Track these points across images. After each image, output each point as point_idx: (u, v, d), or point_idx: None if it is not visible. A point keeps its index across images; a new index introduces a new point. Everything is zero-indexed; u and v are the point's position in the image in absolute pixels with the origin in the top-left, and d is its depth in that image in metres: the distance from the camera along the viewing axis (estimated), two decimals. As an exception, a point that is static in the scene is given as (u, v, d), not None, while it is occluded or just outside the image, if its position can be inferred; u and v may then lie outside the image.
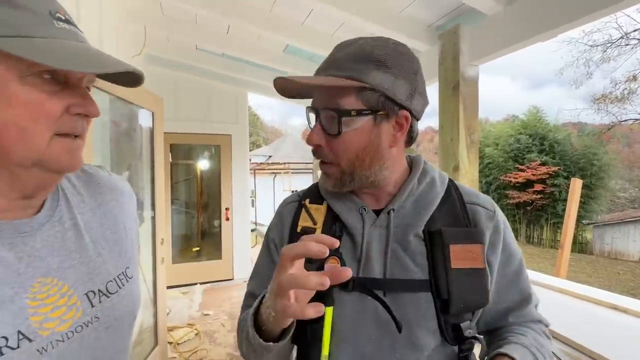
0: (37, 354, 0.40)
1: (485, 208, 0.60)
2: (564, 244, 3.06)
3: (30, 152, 0.39)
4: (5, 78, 0.37)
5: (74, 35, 0.42)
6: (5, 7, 0.37)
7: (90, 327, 0.47)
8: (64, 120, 0.41)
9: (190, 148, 4.46)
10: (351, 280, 0.53)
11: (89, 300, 0.47)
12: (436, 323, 0.53)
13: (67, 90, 0.41)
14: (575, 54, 15.53)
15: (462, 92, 1.84)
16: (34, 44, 0.36)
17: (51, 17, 0.40)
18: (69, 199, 0.51)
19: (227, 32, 2.79)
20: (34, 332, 0.41)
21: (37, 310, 0.42)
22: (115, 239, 0.55)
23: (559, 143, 13.45)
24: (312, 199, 0.64)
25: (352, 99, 0.52)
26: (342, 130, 0.53)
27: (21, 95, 0.38)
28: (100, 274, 0.50)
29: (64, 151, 0.42)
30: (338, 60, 0.54)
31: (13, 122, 0.38)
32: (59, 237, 0.47)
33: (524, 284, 0.62)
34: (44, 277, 0.44)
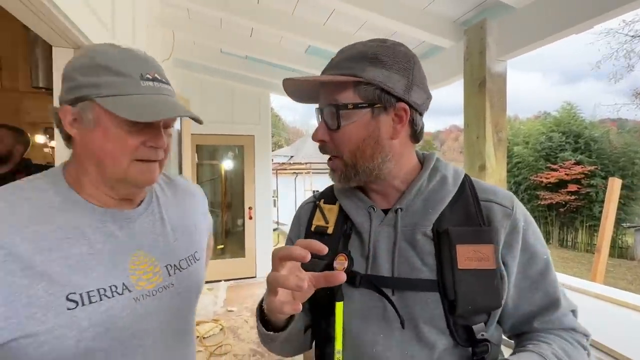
0: (133, 301, 0.58)
1: (502, 205, 0.57)
2: (601, 247, 2.88)
3: (116, 172, 0.57)
4: (104, 120, 0.55)
5: (156, 90, 0.57)
6: (110, 74, 0.55)
7: (167, 290, 0.64)
8: (140, 150, 0.57)
9: (215, 149, 4.60)
10: (358, 277, 0.56)
11: (167, 271, 0.65)
12: (444, 323, 0.53)
13: (145, 130, 0.57)
14: (614, 46, 14.54)
15: (489, 88, 1.78)
16: (119, 102, 0.53)
17: (140, 79, 0.56)
18: (159, 198, 0.71)
19: (250, 35, 2.85)
20: (132, 286, 0.59)
21: (134, 272, 0.60)
22: (187, 229, 0.73)
23: (596, 141, 12.65)
24: (326, 200, 0.67)
25: (349, 94, 0.55)
26: (341, 123, 0.56)
27: (113, 133, 0.55)
28: (175, 253, 0.68)
29: (139, 172, 0.58)
30: (337, 62, 0.58)
31: (109, 152, 0.56)
32: (150, 224, 0.66)
33: (550, 287, 0.58)
34: (139, 250, 0.62)
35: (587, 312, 1.52)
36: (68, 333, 0.51)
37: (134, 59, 0.58)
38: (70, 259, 0.54)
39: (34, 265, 0.51)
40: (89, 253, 0.56)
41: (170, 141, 0.65)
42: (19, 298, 0.49)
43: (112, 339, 0.55)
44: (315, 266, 0.58)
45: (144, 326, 0.59)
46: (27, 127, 3.39)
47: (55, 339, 0.50)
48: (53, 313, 0.50)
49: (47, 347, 0.50)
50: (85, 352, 0.53)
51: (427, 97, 0.59)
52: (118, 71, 0.55)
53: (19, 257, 0.50)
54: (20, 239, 0.51)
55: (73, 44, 1.24)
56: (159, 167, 0.62)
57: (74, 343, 0.51)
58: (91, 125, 0.56)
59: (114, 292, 0.56)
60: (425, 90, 0.59)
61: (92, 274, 0.55)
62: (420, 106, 0.58)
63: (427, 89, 0.59)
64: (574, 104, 13.66)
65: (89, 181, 0.59)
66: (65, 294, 0.52)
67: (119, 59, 0.57)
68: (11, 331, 0.48)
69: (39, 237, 0.52)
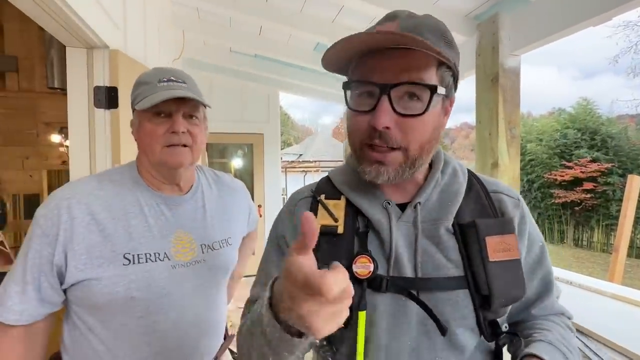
0: (171, 267, 0.74)
1: (510, 196, 0.57)
2: (619, 246, 2.80)
3: (153, 157, 0.73)
4: (141, 120, 0.73)
5: (168, 87, 0.72)
6: (141, 86, 0.74)
7: (199, 264, 0.78)
8: (166, 137, 0.72)
9: (224, 147, 4.64)
10: (385, 280, 0.49)
11: (201, 249, 0.80)
12: (474, 321, 0.50)
13: (168, 120, 0.73)
14: (633, 39, 14.05)
15: (502, 84, 1.74)
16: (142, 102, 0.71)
17: (157, 82, 0.73)
18: (203, 190, 0.86)
19: (259, 34, 2.86)
20: (171, 255, 0.75)
21: (175, 245, 0.76)
22: (224, 218, 0.87)
23: (613, 137, 12.27)
24: (327, 194, 0.57)
25: (432, 74, 0.47)
26: (429, 109, 0.47)
27: (147, 127, 0.72)
28: (210, 236, 0.82)
29: (169, 156, 0.73)
30: (415, 25, 0.47)
31: (146, 143, 0.73)
32: (193, 210, 0.82)
33: (545, 272, 0.58)
34: (181, 229, 0.78)
35: (605, 312, 1.48)
36: (120, 281, 0.67)
37: (157, 71, 0.76)
38: (131, 228, 0.71)
39: (107, 228, 0.69)
40: (144, 225, 0.73)
41: (198, 131, 0.76)
42: (94, 250, 0.67)
43: (151, 293, 0.70)
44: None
45: (177, 289, 0.73)
46: (43, 127, 3.48)
47: (113, 284, 0.67)
48: (113, 265, 0.68)
49: (106, 289, 0.67)
50: (131, 299, 0.68)
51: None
52: (145, 82, 0.74)
53: (99, 222, 0.69)
54: (101, 208, 0.70)
55: (86, 43, 1.26)
56: (191, 152, 0.75)
57: (123, 290, 0.68)
58: (138, 126, 0.75)
59: (157, 257, 0.72)
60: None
61: (144, 241, 0.72)
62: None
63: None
64: (590, 100, 13.27)
65: (145, 169, 0.77)
66: (123, 252, 0.69)
67: (147, 74, 0.76)
68: (87, 273, 0.66)
69: (113, 208, 0.71)
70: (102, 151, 1.32)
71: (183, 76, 0.76)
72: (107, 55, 1.31)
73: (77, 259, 0.66)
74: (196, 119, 0.77)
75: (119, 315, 0.69)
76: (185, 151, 0.74)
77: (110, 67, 1.31)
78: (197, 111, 0.77)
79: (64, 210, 0.67)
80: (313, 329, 0.32)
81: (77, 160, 1.31)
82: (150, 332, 0.71)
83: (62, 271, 0.67)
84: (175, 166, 0.74)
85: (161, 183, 0.78)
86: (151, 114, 0.72)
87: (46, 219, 0.67)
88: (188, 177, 0.82)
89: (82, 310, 0.70)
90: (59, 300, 0.70)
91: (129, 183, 0.76)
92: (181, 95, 0.70)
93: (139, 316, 0.70)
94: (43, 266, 0.66)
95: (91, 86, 1.30)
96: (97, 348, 0.70)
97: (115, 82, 1.31)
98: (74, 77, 1.29)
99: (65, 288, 0.69)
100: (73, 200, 0.68)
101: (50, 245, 0.66)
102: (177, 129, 0.71)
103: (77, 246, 0.66)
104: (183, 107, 0.73)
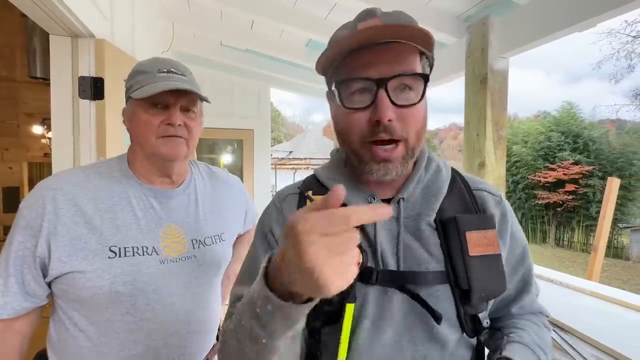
0: (159, 262, 0.72)
1: (492, 194, 0.58)
2: (598, 246, 2.90)
3: (148, 148, 0.72)
4: (137, 109, 0.72)
5: (167, 78, 0.71)
6: (139, 75, 0.72)
7: (189, 260, 0.76)
8: (162, 128, 0.71)
9: (214, 143, 4.58)
10: (375, 272, 0.50)
11: (192, 244, 0.78)
12: (455, 316, 0.51)
13: (164, 111, 0.71)
14: (615, 46, 14.52)
15: (490, 85, 1.77)
16: (139, 91, 0.69)
17: (157, 72, 0.71)
18: (197, 184, 0.84)
19: (251, 28, 2.83)
20: (160, 250, 0.73)
21: (164, 239, 0.73)
22: (218, 213, 0.85)
23: (595, 141, 12.68)
24: (314, 191, 0.57)
25: (417, 62, 0.49)
26: (417, 96, 0.48)
27: (142, 117, 0.71)
28: (202, 231, 0.80)
29: (164, 147, 0.71)
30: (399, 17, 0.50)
31: (141, 133, 0.71)
32: (185, 203, 0.80)
33: (526, 271, 0.60)
34: (172, 223, 0.76)
35: (584, 309, 1.53)
36: (105, 275, 0.66)
37: (155, 61, 0.74)
38: (118, 220, 0.70)
39: (93, 220, 0.67)
40: (132, 218, 0.71)
41: (195, 125, 0.75)
42: (78, 242, 0.66)
43: (137, 289, 0.68)
44: None
45: (165, 285, 0.72)
46: (25, 118, 3.37)
47: (97, 277, 0.65)
48: (98, 258, 0.66)
49: (91, 283, 0.65)
50: (116, 293, 0.66)
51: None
52: (143, 71, 0.72)
53: (84, 213, 0.67)
54: (87, 200, 0.68)
55: (70, 32, 1.22)
56: (186, 145, 0.74)
57: (108, 284, 0.66)
58: (132, 116, 0.73)
59: (144, 251, 0.70)
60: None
61: (131, 234, 0.70)
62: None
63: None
64: (574, 104, 13.67)
65: (137, 160, 0.75)
66: (109, 245, 0.67)
67: (145, 63, 0.74)
68: (71, 265, 0.65)
69: (100, 200, 0.69)
70: (86, 144, 1.29)
71: (182, 69, 0.74)
72: (92, 44, 1.27)
73: (61, 251, 0.64)
74: (193, 112, 0.75)
75: (104, 310, 0.67)
76: (180, 143, 0.72)
77: (96, 57, 1.27)
78: (194, 105, 0.75)
79: (48, 201, 0.65)
80: (321, 280, 0.30)
81: (60, 152, 1.28)
82: (137, 329, 0.69)
83: (45, 263, 0.65)
84: (171, 158, 0.72)
85: (152, 175, 0.76)
86: (148, 104, 0.70)
87: (30, 210, 0.65)
88: (181, 171, 0.80)
89: (67, 305, 0.69)
90: (43, 294, 0.68)
91: (117, 175, 0.74)
92: (181, 87, 0.69)
93: (124, 312, 0.68)
94: (26, 258, 0.65)
95: (75, 76, 1.26)
96: (82, 344, 0.68)
97: (102, 72, 1.28)
98: (57, 66, 1.25)
99: (49, 281, 0.67)
100: (58, 192, 0.67)
101: (33, 237, 0.64)
102: (173, 121, 0.70)
103: (62, 238, 0.65)
104: (181, 100, 0.72)
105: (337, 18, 2.35)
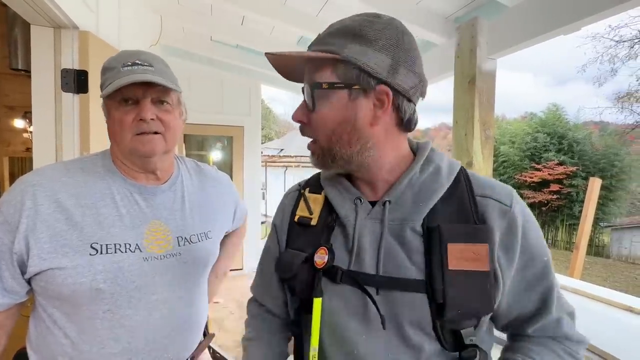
0: (142, 260, 0.70)
1: (499, 202, 0.51)
2: (579, 244, 2.99)
3: (124, 146, 0.70)
4: (110, 107, 0.70)
5: (132, 71, 0.67)
6: (107, 72, 0.70)
7: (174, 257, 0.75)
8: (135, 125, 0.68)
9: (203, 139, 4.52)
10: (339, 272, 0.52)
11: (177, 241, 0.76)
12: (431, 326, 0.49)
13: (135, 108, 0.69)
14: (599, 50, 14.91)
15: (479, 86, 1.80)
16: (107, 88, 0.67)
17: (121, 67, 0.68)
18: (184, 180, 0.82)
19: (241, 24, 2.80)
20: (143, 247, 0.71)
21: (148, 237, 0.72)
22: (205, 211, 0.83)
23: (579, 142, 13.04)
24: (312, 189, 0.62)
25: (327, 73, 0.50)
26: (316, 104, 0.51)
27: (115, 115, 0.69)
28: (188, 228, 0.78)
29: (140, 144, 0.69)
30: (321, 37, 0.53)
31: (116, 132, 0.69)
32: (171, 200, 0.78)
33: (546, 290, 0.53)
34: (157, 220, 0.74)
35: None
36: (86, 272, 0.64)
37: (122, 55, 0.71)
38: (100, 217, 0.68)
39: (74, 216, 0.66)
40: (115, 215, 0.69)
41: (171, 118, 0.73)
42: (59, 239, 0.64)
43: (118, 286, 0.67)
44: (295, 258, 0.56)
45: (148, 283, 0.70)
46: (6, 111, 3.25)
47: (77, 274, 0.64)
48: (79, 255, 0.64)
49: (71, 280, 0.64)
50: (96, 290, 0.65)
51: (419, 82, 0.52)
52: (109, 67, 0.69)
53: (65, 209, 0.66)
54: (68, 196, 0.67)
55: (53, 22, 1.19)
56: (164, 140, 0.72)
57: (88, 281, 0.64)
58: (107, 115, 0.72)
59: (127, 248, 0.69)
60: (417, 73, 0.52)
61: (114, 231, 0.68)
62: (408, 91, 0.50)
63: (419, 72, 0.52)
64: (560, 106, 14.01)
65: (117, 158, 0.74)
66: (90, 242, 0.66)
67: (112, 58, 0.71)
68: (51, 262, 0.63)
69: (82, 196, 0.68)
70: (69, 138, 1.25)
71: (150, 59, 0.70)
72: (76, 36, 1.23)
73: (41, 248, 0.63)
74: (167, 104, 0.72)
75: (84, 308, 0.66)
76: (156, 138, 0.70)
77: (80, 50, 1.24)
78: (166, 96, 0.71)
79: (28, 197, 0.64)
80: None
81: (42, 147, 1.24)
82: (118, 326, 0.68)
83: (23, 260, 0.64)
84: (147, 154, 0.70)
85: (136, 172, 0.74)
86: (118, 102, 0.68)
87: (9, 206, 0.64)
88: (165, 166, 0.78)
89: (46, 302, 0.68)
90: (21, 290, 0.67)
91: (101, 171, 0.72)
92: (143, 79, 0.65)
93: (105, 309, 0.67)
94: (3, 254, 0.63)
95: (58, 68, 1.22)
96: (62, 342, 0.67)
97: (85, 65, 1.25)
98: (39, 58, 1.21)
99: (28, 278, 0.66)
100: (38, 187, 0.65)
101: (10, 232, 0.63)
102: (144, 116, 0.67)
103: (41, 234, 0.63)
104: (151, 93, 0.68)
105: (329, 15, 2.34)
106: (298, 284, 0.55)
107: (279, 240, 0.64)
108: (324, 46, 0.50)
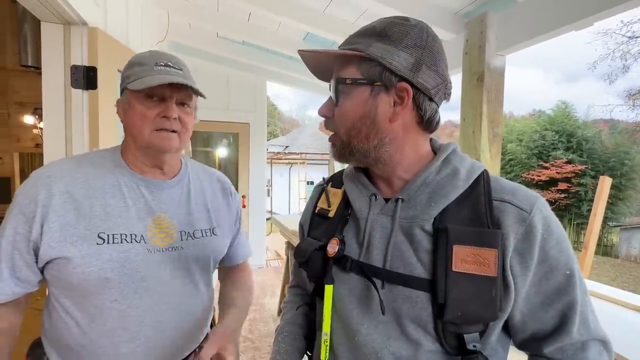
0: (147, 251, 0.73)
1: (518, 207, 0.49)
2: (588, 243, 2.94)
3: (141, 139, 0.72)
4: (132, 101, 0.72)
5: (165, 72, 0.71)
6: (136, 66, 0.72)
7: (176, 251, 0.77)
8: (157, 121, 0.72)
9: (209, 136, 4.54)
10: (350, 261, 0.56)
11: (181, 235, 0.78)
12: (432, 326, 0.50)
13: (160, 104, 0.72)
14: (611, 46, 14.62)
15: (487, 83, 1.77)
16: (135, 82, 0.70)
17: (154, 65, 0.71)
18: (190, 177, 0.86)
19: (248, 20, 2.79)
20: (148, 239, 0.73)
21: (152, 229, 0.74)
22: (210, 209, 0.86)
23: (588, 140, 12.83)
24: (334, 183, 0.67)
25: (353, 69, 0.53)
26: (340, 98, 0.55)
27: (137, 109, 0.71)
28: (192, 224, 0.81)
29: (158, 139, 0.72)
30: (350, 38, 0.56)
31: (136, 125, 0.72)
32: (177, 195, 0.81)
33: (566, 307, 0.49)
34: (162, 213, 0.77)
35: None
36: (94, 261, 0.67)
37: (153, 54, 0.75)
38: (108, 207, 0.71)
39: (83, 207, 0.69)
40: (122, 205, 0.72)
41: (189, 119, 0.77)
42: (68, 228, 0.67)
43: (125, 275, 0.69)
44: (310, 245, 0.60)
45: (153, 274, 0.73)
46: (16, 107, 3.30)
47: (86, 263, 0.66)
48: (87, 244, 0.67)
49: (79, 269, 0.66)
50: (104, 279, 0.68)
51: (442, 82, 0.53)
52: (141, 63, 0.72)
53: (75, 200, 0.69)
54: (79, 187, 0.70)
55: (62, 19, 1.20)
56: (179, 139, 0.75)
57: (96, 270, 0.67)
58: (127, 107, 0.73)
59: (133, 239, 0.71)
60: (441, 73, 0.53)
61: (120, 221, 0.71)
62: (429, 90, 0.52)
63: (442, 73, 0.54)
64: (569, 103, 13.79)
65: (130, 151, 0.77)
66: (97, 232, 0.68)
67: (143, 55, 0.74)
68: (60, 251, 0.66)
69: (91, 188, 0.71)
70: (78, 134, 1.27)
71: (180, 63, 0.76)
72: (85, 32, 1.24)
73: (51, 237, 0.66)
74: (188, 107, 0.77)
75: (93, 297, 0.69)
76: (173, 136, 0.74)
77: (89, 46, 1.25)
78: (190, 100, 0.77)
79: (42, 188, 0.67)
80: None
81: (52, 143, 1.26)
82: (125, 316, 0.70)
83: (38, 247, 0.67)
84: (164, 150, 0.74)
85: (145, 166, 0.77)
86: (143, 96, 0.71)
87: (24, 197, 0.67)
88: (172, 163, 0.81)
89: (58, 291, 0.70)
90: (34, 279, 0.70)
91: (110, 165, 0.75)
92: (179, 81, 0.70)
93: (112, 299, 0.69)
94: (18, 244, 0.66)
95: (68, 65, 1.24)
96: (73, 331, 0.69)
97: (95, 61, 1.26)
98: (49, 54, 1.23)
99: (41, 267, 0.69)
100: (52, 179, 0.69)
101: (27, 222, 0.66)
102: (169, 114, 0.71)
103: (53, 223, 0.66)
104: (177, 94, 0.73)
105: (335, 11, 2.33)
106: (310, 269, 0.60)
107: (303, 229, 0.71)
108: (351, 45, 0.54)
